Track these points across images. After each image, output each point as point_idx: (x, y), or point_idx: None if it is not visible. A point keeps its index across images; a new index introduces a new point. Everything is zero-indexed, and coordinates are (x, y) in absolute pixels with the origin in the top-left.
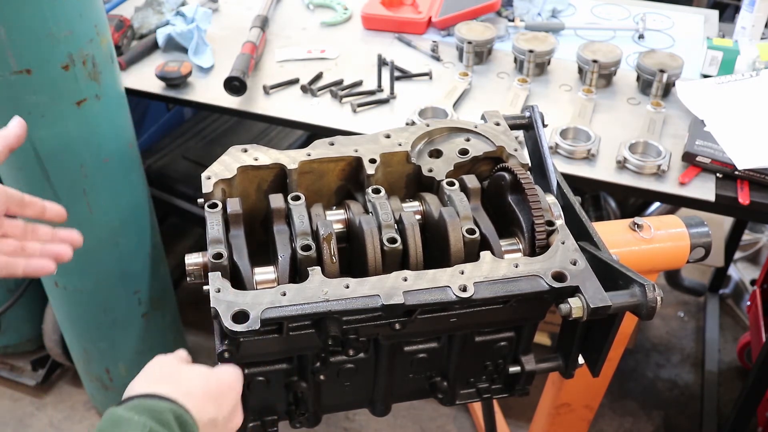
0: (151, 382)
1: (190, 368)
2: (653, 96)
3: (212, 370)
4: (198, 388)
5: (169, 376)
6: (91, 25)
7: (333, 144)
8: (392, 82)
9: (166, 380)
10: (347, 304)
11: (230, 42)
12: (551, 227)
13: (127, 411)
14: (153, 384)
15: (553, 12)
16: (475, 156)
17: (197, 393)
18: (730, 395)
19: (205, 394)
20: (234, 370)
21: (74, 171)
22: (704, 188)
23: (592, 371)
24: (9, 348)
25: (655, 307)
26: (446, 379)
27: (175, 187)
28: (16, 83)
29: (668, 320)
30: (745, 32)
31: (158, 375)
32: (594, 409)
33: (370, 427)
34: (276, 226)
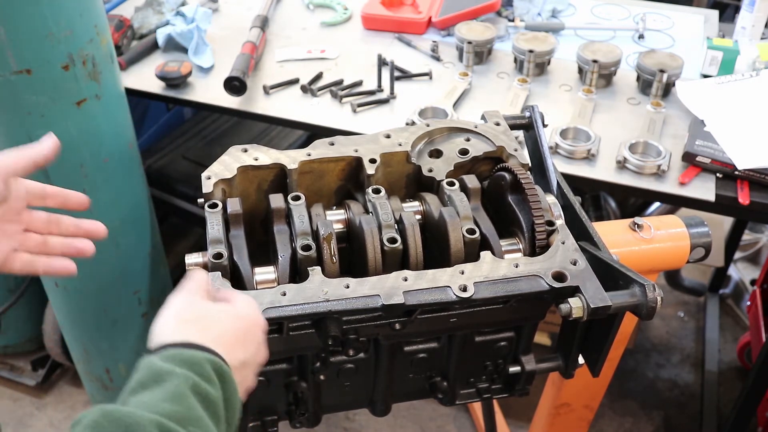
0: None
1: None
2: (653, 96)
3: (235, 307)
4: (228, 332)
5: (199, 320)
6: (91, 25)
7: (333, 144)
8: (392, 82)
9: (197, 324)
10: (347, 304)
11: (230, 42)
12: (551, 227)
13: (166, 362)
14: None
15: (553, 12)
16: (475, 156)
17: (228, 337)
18: (730, 395)
19: (234, 336)
20: (253, 304)
21: (74, 171)
22: (704, 188)
23: (592, 371)
24: (9, 348)
25: (655, 307)
26: (446, 379)
27: (175, 187)
28: (16, 83)
29: (668, 320)
30: (745, 32)
31: (188, 316)
32: (594, 409)
33: (370, 427)
34: (276, 226)
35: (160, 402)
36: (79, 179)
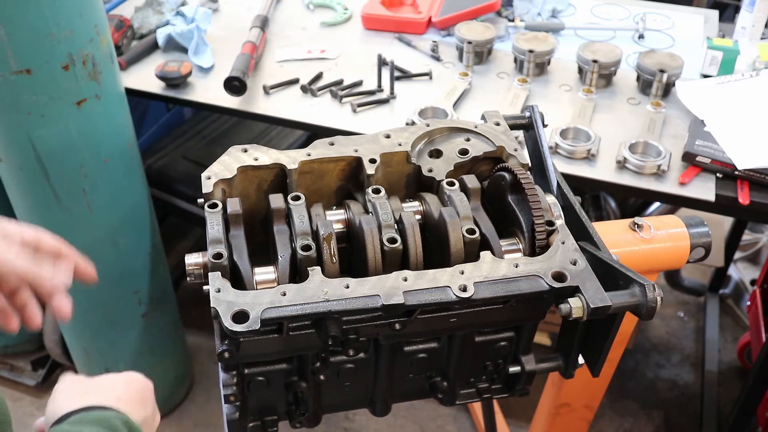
0: (78, 398)
1: (104, 378)
2: (653, 96)
3: (124, 375)
4: (125, 393)
5: (92, 389)
6: (91, 25)
7: (333, 144)
8: (392, 82)
9: (92, 392)
10: (347, 304)
11: (230, 42)
12: (551, 227)
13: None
14: (80, 398)
15: (553, 12)
16: (475, 156)
17: (126, 397)
18: (730, 395)
19: (132, 397)
20: (137, 373)
21: (74, 171)
22: (704, 188)
23: (592, 371)
24: (9, 348)
25: (655, 307)
26: (446, 379)
27: (175, 187)
28: (16, 83)
29: (668, 320)
30: (745, 32)
31: (80, 390)
32: (594, 409)
33: (370, 427)
34: (276, 226)
35: None
36: (79, 179)
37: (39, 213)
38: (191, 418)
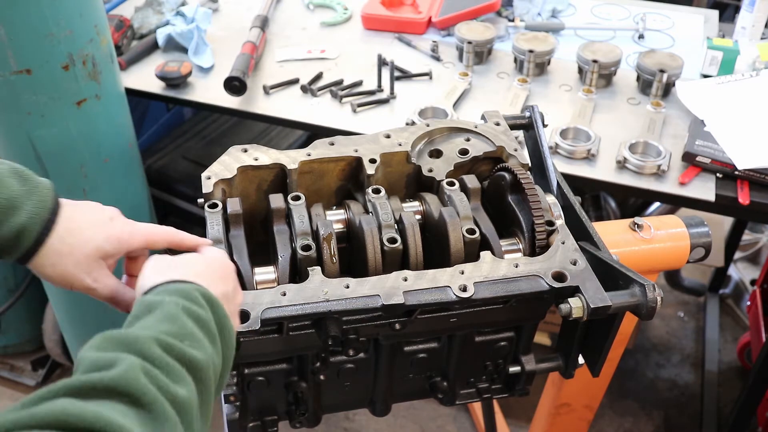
0: (161, 273)
1: (186, 255)
2: (653, 96)
3: (205, 254)
4: (206, 270)
5: (174, 265)
6: (91, 25)
7: (333, 144)
8: (392, 82)
9: (174, 268)
10: (347, 304)
11: (230, 42)
12: (551, 227)
13: (155, 296)
14: (163, 274)
15: (553, 12)
16: (475, 156)
17: (207, 274)
18: (730, 395)
19: (212, 274)
20: (223, 252)
21: (74, 171)
22: (704, 188)
23: (592, 371)
24: (9, 348)
25: (655, 307)
26: (446, 379)
27: (175, 187)
28: (16, 83)
29: (668, 320)
30: (745, 32)
31: (163, 266)
32: (594, 409)
33: (370, 427)
34: (276, 226)
35: (156, 324)
36: (79, 179)
37: None
38: None
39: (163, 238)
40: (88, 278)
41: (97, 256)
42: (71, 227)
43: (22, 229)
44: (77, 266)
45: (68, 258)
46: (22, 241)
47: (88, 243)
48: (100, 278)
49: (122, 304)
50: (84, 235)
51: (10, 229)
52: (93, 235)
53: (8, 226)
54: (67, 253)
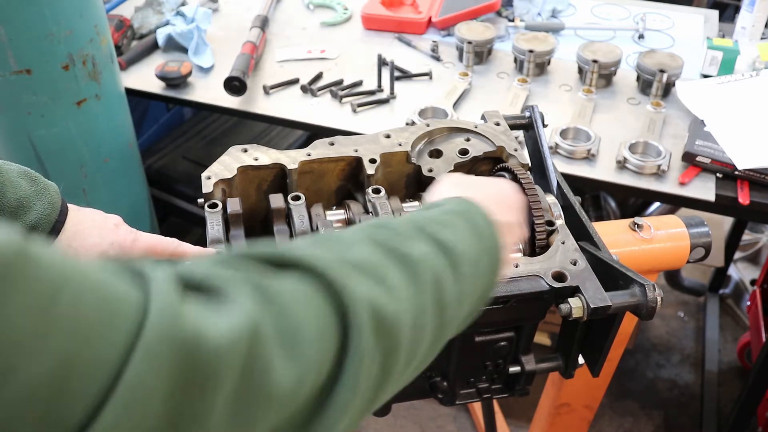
0: (450, 189)
1: (481, 178)
2: (653, 96)
3: (499, 184)
4: (494, 196)
5: (465, 184)
6: (91, 25)
7: (333, 144)
8: (392, 82)
9: (463, 186)
10: None
11: (230, 42)
12: (551, 227)
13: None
14: (452, 190)
15: (553, 12)
16: (475, 156)
17: (493, 199)
18: (730, 395)
19: (499, 200)
20: (515, 186)
21: (74, 171)
22: (704, 188)
23: (592, 371)
24: None
25: (655, 307)
26: (446, 379)
27: (175, 187)
28: (16, 83)
29: (668, 320)
30: (745, 32)
31: (454, 182)
32: (594, 409)
33: (370, 427)
34: (276, 226)
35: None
36: (79, 179)
37: None
38: None
39: (166, 249)
40: None
41: None
42: (78, 230)
43: (32, 230)
44: None
45: None
46: None
47: (93, 248)
48: None
49: None
50: (89, 240)
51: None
52: (98, 241)
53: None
54: None
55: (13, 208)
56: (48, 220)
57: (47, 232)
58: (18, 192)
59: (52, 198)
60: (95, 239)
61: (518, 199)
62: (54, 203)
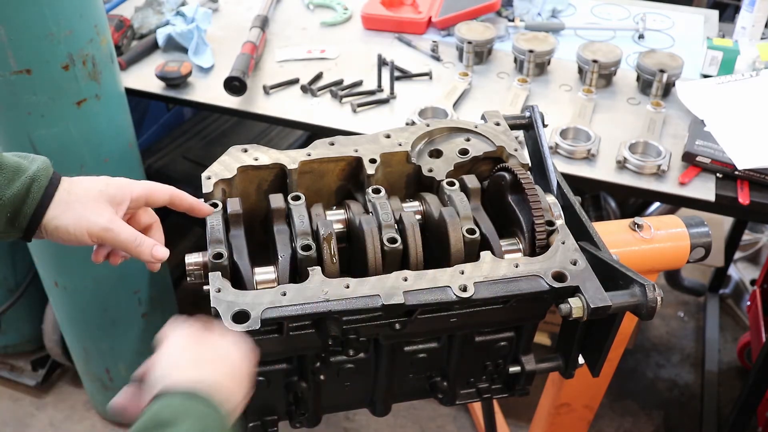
0: (186, 369)
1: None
2: (653, 96)
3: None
4: (230, 373)
5: (202, 361)
6: (91, 25)
7: (333, 144)
8: (392, 82)
9: (201, 365)
10: (347, 304)
11: (230, 42)
12: (551, 227)
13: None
14: (187, 370)
15: (553, 12)
16: (475, 156)
17: (229, 378)
18: (730, 395)
19: (234, 377)
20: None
21: (74, 171)
22: (704, 188)
23: (592, 371)
24: (9, 348)
25: (655, 307)
26: (446, 379)
27: (175, 187)
28: (16, 83)
29: (668, 320)
30: (745, 32)
31: (189, 358)
32: (594, 409)
33: (370, 427)
34: (276, 226)
35: None
36: None
37: None
38: None
39: (164, 193)
40: (102, 219)
41: (103, 199)
42: (73, 181)
43: (31, 182)
44: (87, 209)
45: (76, 203)
46: (32, 194)
47: (91, 188)
48: (114, 220)
49: (146, 250)
50: (84, 184)
51: (21, 184)
52: (94, 183)
53: (19, 181)
54: (74, 200)
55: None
56: (45, 174)
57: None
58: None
59: (44, 163)
60: (90, 182)
61: (245, 367)
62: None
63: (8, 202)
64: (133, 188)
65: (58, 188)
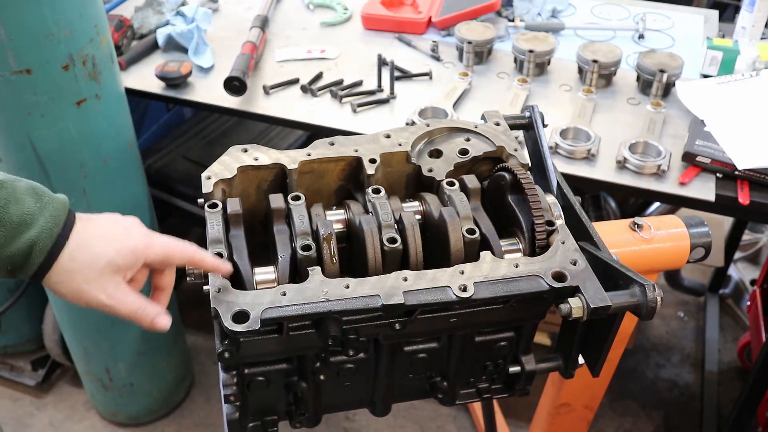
0: None
1: None
2: (653, 96)
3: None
4: None
5: None
6: (91, 25)
7: (333, 144)
8: (392, 82)
9: None
10: (347, 304)
11: (230, 42)
12: (551, 227)
13: None
14: None
15: (553, 12)
16: (475, 156)
17: None
18: (730, 395)
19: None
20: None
21: (74, 171)
22: (704, 188)
23: (592, 371)
24: (9, 348)
25: (655, 307)
26: (446, 379)
27: (175, 187)
28: (16, 83)
29: (668, 320)
30: (745, 32)
31: None
32: (594, 409)
33: (370, 427)
34: (276, 226)
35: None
36: (79, 179)
37: None
38: (191, 418)
39: (183, 254)
40: (102, 295)
41: (109, 270)
42: (81, 242)
43: (33, 244)
44: (89, 283)
45: (78, 275)
46: (33, 258)
47: (98, 258)
48: (115, 295)
49: (145, 321)
50: (94, 249)
51: (21, 245)
52: (104, 249)
53: (20, 241)
54: (77, 270)
55: (15, 225)
56: (50, 235)
57: (49, 248)
58: (22, 209)
59: (56, 212)
60: (100, 247)
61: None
62: (57, 217)
63: (7, 260)
64: (148, 253)
65: (62, 252)
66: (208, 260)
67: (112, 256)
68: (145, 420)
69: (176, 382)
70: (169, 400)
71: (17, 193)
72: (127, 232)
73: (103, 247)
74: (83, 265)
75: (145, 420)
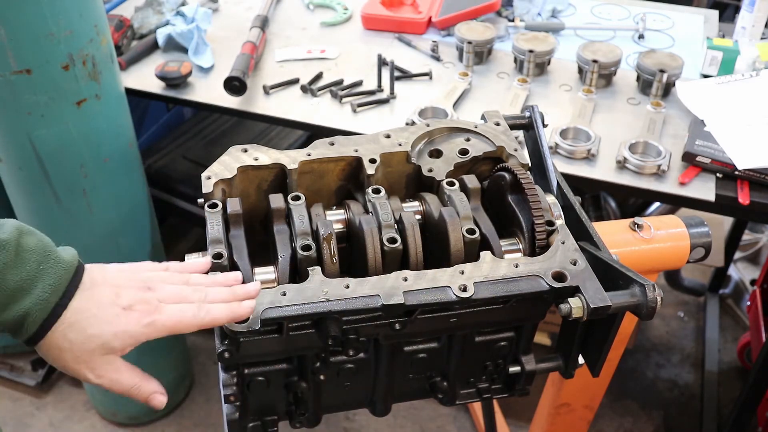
0: None
1: None
2: (653, 96)
3: None
4: None
5: None
6: (91, 25)
7: (333, 144)
8: (392, 82)
9: None
10: (347, 304)
11: (230, 42)
12: (551, 227)
13: None
14: None
15: (553, 12)
16: (475, 156)
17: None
18: (730, 395)
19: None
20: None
21: (74, 171)
22: (704, 188)
23: (592, 371)
24: (9, 348)
25: (655, 307)
26: (446, 379)
27: (175, 187)
28: (16, 83)
29: (668, 320)
30: (745, 32)
31: None
32: (594, 409)
33: (370, 427)
34: (276, 226)
35: None
36: (79, 179)
37: (39, 213)
38: (191, 418)
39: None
40: (91, 374)
41: (101, 352)
42: (76, 320)
43: (26, 315)
44: (78, 363)
45: (68, 354)
46: (26, 328)
47: (91, 340)
48: (105, 374)
49: (140, 399)
50: (87, 331)
51: (15, 314)
52: (98, 332)
53: (14, 310)
54: (67, 349)
55: (11, 292)
56: (44, 307)
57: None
58: (21, 273)
59: (58, 279)
60: (94, 330)
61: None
62: (57, 285)
63: (2, 325)
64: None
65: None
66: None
67: (107, 339)
68: (145, 420)
69: (176, 382)
70: (169, 400)
71: (21, 253)
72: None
73: (98, 330)
74: (73, 346)
75: (145, 420)
